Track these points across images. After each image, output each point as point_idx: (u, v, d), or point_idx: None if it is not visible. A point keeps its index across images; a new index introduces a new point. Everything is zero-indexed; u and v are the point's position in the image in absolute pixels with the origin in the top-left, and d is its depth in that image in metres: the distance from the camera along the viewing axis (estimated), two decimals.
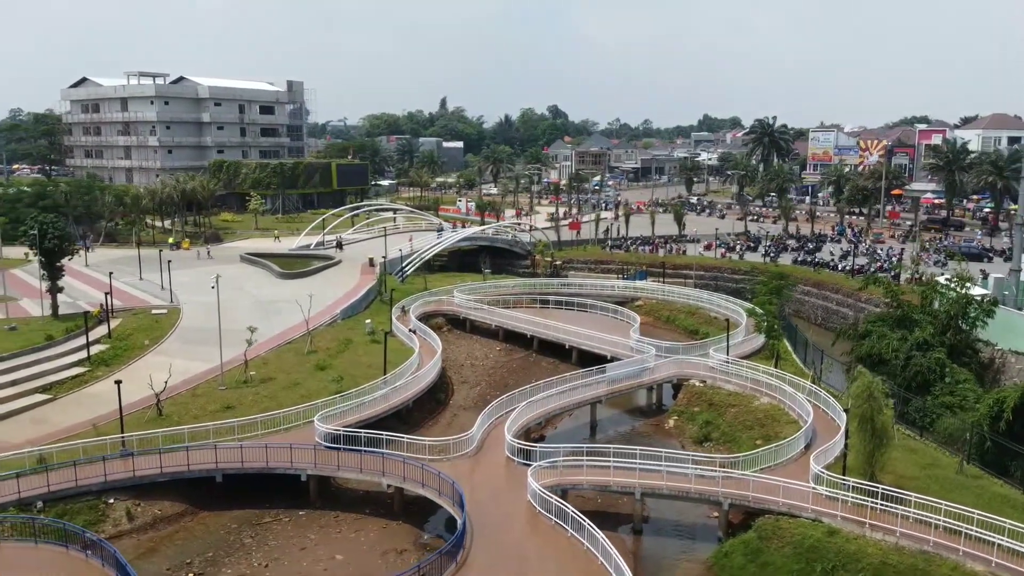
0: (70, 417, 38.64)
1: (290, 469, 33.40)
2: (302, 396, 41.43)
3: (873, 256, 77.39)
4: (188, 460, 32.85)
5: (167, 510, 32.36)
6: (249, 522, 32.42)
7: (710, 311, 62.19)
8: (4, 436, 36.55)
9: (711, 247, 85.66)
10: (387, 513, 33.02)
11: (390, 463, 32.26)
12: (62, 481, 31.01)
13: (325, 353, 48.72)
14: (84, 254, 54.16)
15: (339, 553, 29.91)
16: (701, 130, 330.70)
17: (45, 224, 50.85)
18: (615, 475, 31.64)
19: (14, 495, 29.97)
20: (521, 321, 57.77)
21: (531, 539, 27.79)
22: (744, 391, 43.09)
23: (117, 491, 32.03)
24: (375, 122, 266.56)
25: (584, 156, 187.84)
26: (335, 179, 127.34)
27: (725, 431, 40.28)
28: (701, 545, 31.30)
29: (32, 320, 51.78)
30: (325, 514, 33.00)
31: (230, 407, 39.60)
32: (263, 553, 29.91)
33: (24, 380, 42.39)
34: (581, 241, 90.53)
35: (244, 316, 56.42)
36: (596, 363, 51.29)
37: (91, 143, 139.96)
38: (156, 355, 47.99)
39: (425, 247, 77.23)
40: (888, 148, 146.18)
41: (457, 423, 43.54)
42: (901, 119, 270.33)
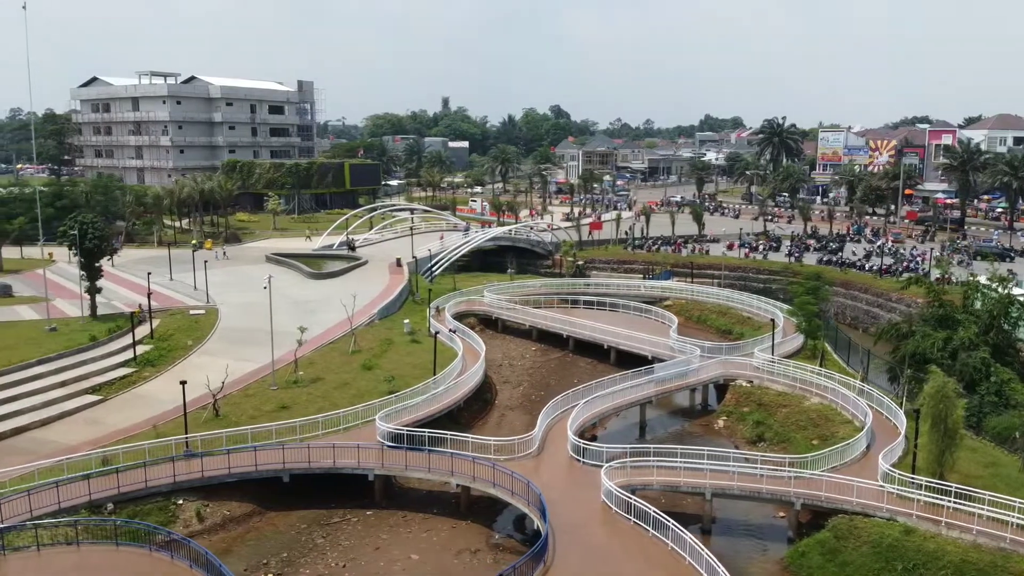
0: (124, 418, 38.55)
1: (357, 469, 33.39)
2: (354, 396, 41.47)
3: (897, 256, 77.60)
4: (256, 460, 32.79)
5: (235, 510, 32.31)
6: (318, 522, 32.39)
7: (742, 311, 62.30)
8: (60, 437, 36.57)
9: (733, 247, 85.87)
10: (454, 513, 33.02)
11: (459, 462, 32.25)
12: (132, 482, 30.96)
13: (369, 353, 48.67)
14: (110, 255, 54.08)
15: (413, 553, 29.89)
16: (703, 130, 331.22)
17: (85, 224, 50.69)
18: (684, 475, 31.66)
19: (84, 497, 29.88)
20: (556, 321, 57.78)
21: (612, 540, 27.78)
22: (793, 391, 43.17)
23: (185, 492, 31.98)
24: (378, 122, 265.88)
25: (591, 156, 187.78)
26: (348, 179, 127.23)
27: (778, 431, 40.35)
28: (771, 545, 31.37)
29: (71, 321, 51.60)
30: (393, 514, 32.99)
31: (285, 407, 39.56)
32: (338, 553, 29.89)
33: (73, 381, 42.30)
34: (602, 241, 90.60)
35: (282, 316, 56.23)
36: (635, 363, 51.43)
37: (102, 143, 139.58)
38: (200, 355, 47.93)
39: (451, 247, 77.19)
40: (898, 148, 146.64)
41: (506, 423, 43.65)
42: (902, 119, 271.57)
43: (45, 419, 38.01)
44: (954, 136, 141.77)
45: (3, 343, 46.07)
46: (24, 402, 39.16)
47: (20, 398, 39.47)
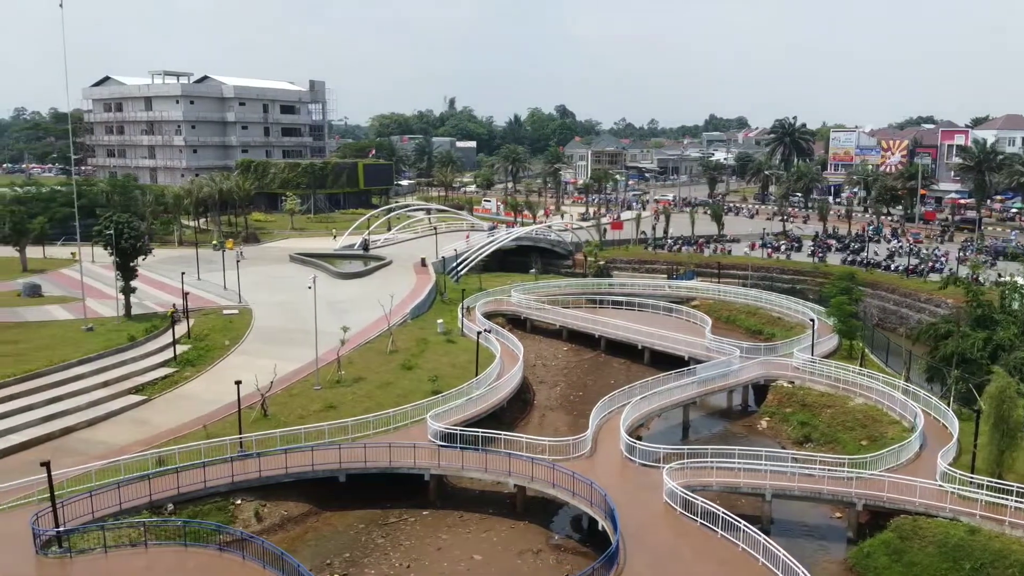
0: (171, 418, 38.41)
1: (413, 469, 33.31)
2: (398, 396, 41.40)
3: (920, 256, 77.53)
4: (312, 460, 32.70)
5: (292, 510, 32.23)
6: (375, 522, 32.31)
7: (771, 311, 62.24)
8: (109, 437, 36.43)
9: (754, 247, 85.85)
10: (510, 513, 32.94)
11: (516, 463, 32.17)
12: (191, 482, 30.83)
13: (406, 353, 48.57)
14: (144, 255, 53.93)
15: (476, 553, 29.80)
16: (708, 130, 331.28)
17: (121, 224, 50.59)
18: (744, 476, 31.60)
19: (145, 497, 29.77)
20: (588, 321, 57.72)
21: (680, 541, 27.66)
22: (836, 392, 43.09)
23: (243, 492, 31.88)
24: (384, 121, 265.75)
25: (600, 156, 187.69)
26: (361, 179, 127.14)
27: (824, 432, 40.29)
28: (831, 545, 31.29)
29: (106, 320, 51.47)
30: (449, 514, 32.91)
31: (332, 406, 39.46)
32: (400, 553, 29.81)
33: (115, 381, 42.18)
34: (622, 241, 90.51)
35: (314, 316, 56.30)
36: (669, 364, 51.40)
37: (114, 142, 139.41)
38: (238, 355, 47.82)
39: (476, 247, 77.13)
40: (910, 148, 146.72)
41: (547, 423, 43.61)
42: (906, 119, 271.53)
43: (91, 419, 37.86)
44: (967, 136, 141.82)
45: (42, 343, 46.02)
46: (69, 402, 39.01)
47: (65, 398, 39.33)
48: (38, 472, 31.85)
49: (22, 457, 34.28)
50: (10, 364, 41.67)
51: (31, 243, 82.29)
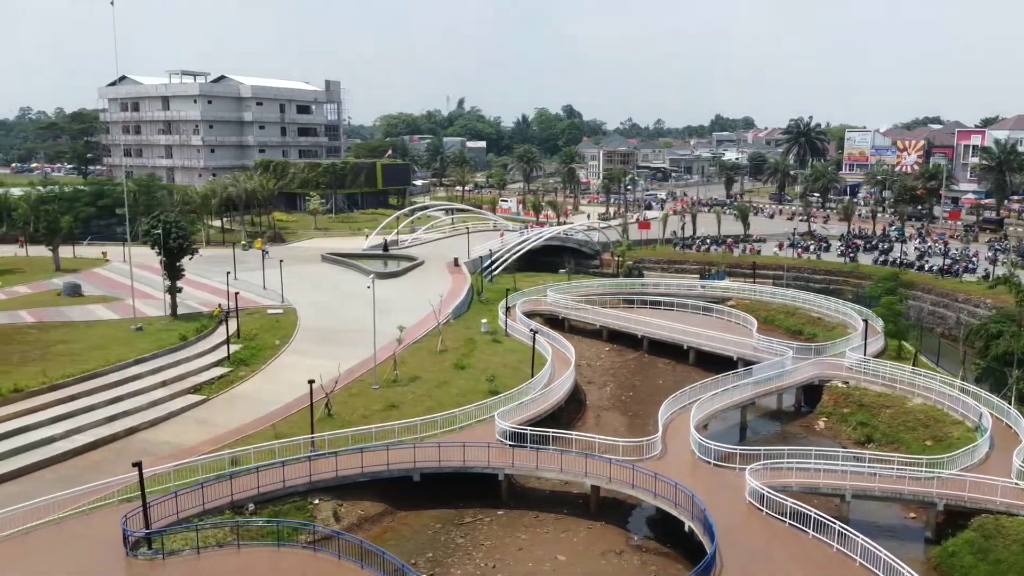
0: (232, 418, 38.33)
1: (487, 468, 33.23)
2: (457, 395, 41.37)
3: (951, 256, 77.50)
4: (388, 459, 32.62)
5: (368, 510, 32.13)
6: (451, 522, 32.23)
7: (810, 311, 62.15)
8: (174, 438, 36.32)
9: (782, 246, 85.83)
10: (584, 513, 32.85)
11: (593, 463, 32.10)
12: (270, 482, 30.75)
13: (455, 352, 48.50)
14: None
15: (558, 554, 29.71)
16: (714, 130, 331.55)
17: (169, 224, 50.49)
18: (824, 476, 31.52)
19: (227, 497, 29.68)
20: (630, 321, 57.63)
21: (773, 543, 27.46)
22: (893, 392, 43.00)
23: (320, 491, 31.79)
24: (392, 121, 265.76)
25: (612, 155, 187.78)
26: (380, 179, 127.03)
27: (885, 432, 40.21)
28: (908, 545, 31.08)
29: (153, 320, 51.37)
30: (524, 514, 32.82)
31: (394, 406, 39.39)
32: (482, 553, 29.72)
33: (173, 381, 42.09)
34: (649, 241, 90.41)
35: (358, 315, 56.22)
36: (715, 364, 51.38)
37: (131, 142, 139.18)
38: (289, 355, 47.74)
39: (509, 246, 77.05)
40: (926, 148, 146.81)
41: (604, 423, 43.50)
42: (913, 119, 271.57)
43: (154, 420, 37.75)
44: (983, 137, 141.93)
45: (93, 342, 45.92)
46: (130, 402, 38.91)
47: (125, 398, 39.23)
48: (108, 473, 32.06)
49: (89, 458, 34.23)
50: (67, 364, 41.57)
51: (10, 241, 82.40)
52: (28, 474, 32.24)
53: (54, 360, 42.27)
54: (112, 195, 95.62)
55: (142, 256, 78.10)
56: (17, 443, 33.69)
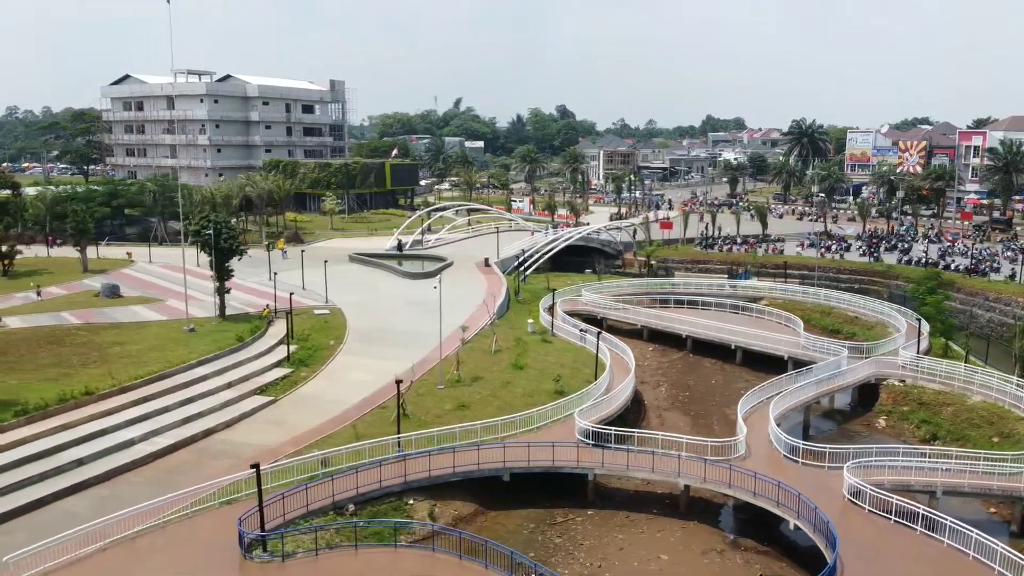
0: (304, 418, 38.12)
1: (576, 468, 33.29)
2: (523, 395, 41.44)
3: (970, 255, 78.47)
4: (478, 459, 32.59)
5: (461, 510, 32.07)
6: (543, 521, 32.26)
7: (846, 310, 62.68)
8: (253, 439, 36.04)
9: (803, 246, 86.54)
10: (674, 512, 32.95)
11: (686, 464, 32.25)
12: (368, 483, 30.64)
13: (509, 352, 48.52)
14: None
15: (660, 553, 29.82)
16: (705, 131, 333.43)
17: (219, 224, 50.10)
18: (916, 474, 31.84)
19: (328, 498, 29.55)
20: (673, 321, 57.87)
21: (883, 541, 27.64)
22: (951, 390, 43.51)
23: (414, 492, 31.71)
24: (387, 121, 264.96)
25: (613, 156, 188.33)
26: (388, 179, 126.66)
27: (950, 429, 40.64)
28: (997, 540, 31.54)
29: (203, 321, 50.93)
30: (615, 514, 32.90)
31: (464, 406, 39.36)
32: (584, 553, 29.75)
33: (238, 382, 41.81)
34: (669, 241, 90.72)
35: (403, 316, 56.27)
36: (763, 364, 51.83)
37: (134, 141, 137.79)
38: (345, 355, 47.52)
39: (539, 246, 77.10)
40: (927, 149, 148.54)
41: (668, 422, 43.64)
42: (902, 120, 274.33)
43: (228, 421, 37.47)
44: (984, 138, 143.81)
45: (149, 344, 45.50)
46: (201, 404, 38.62)
47: (196, 399, 38.94)
48: (192, 475, 31.88)
49: (171, 460, 33.95)
50: (129, 366, 41.19)
51: (56, 244, 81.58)
52: (114, 478, 31.94)
53: (115, 362, 41.85)
54: (126, 195, 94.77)
55: (168, 257, 77.87)
56: (99, 446, 33.35)
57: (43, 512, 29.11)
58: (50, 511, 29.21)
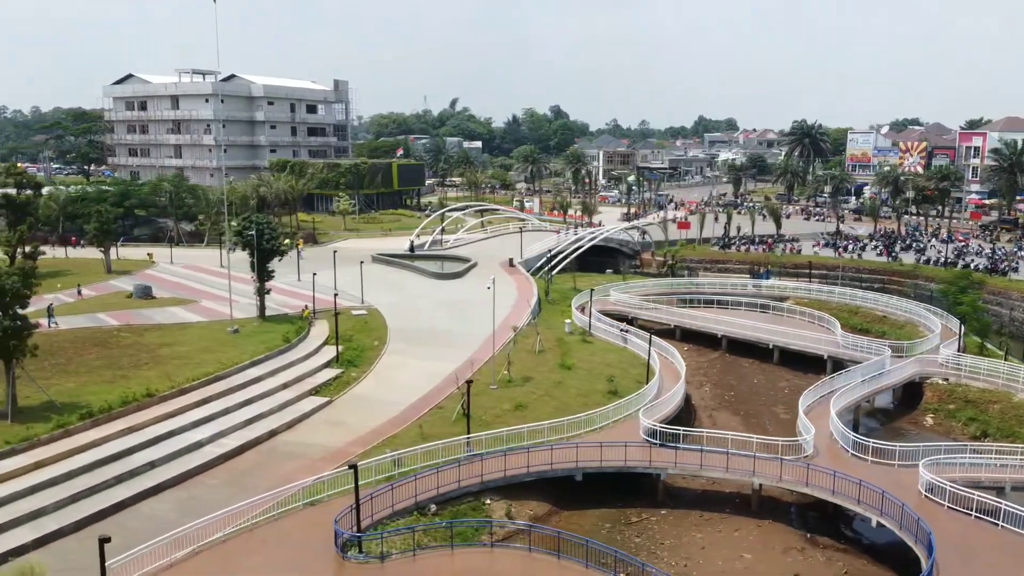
0: (363, 419, 38.04)
1: (649, 468, 33.44)
2: (578, 395, 41.55)
3: (984, 255, 79.39)
4: (552, 459, 32.68)
5: (536, 510, 32.11)
6: (618, 521, 32.38)
7: (873, 310, 63.19)
8: (318, 439, 35.93)
9: (818, 245, 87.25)
10: (746, 511, 33.14)
11: (761, 463, 32.49)
12: (448, 482, 30.66)
13: (553, 353, 48.61)
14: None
15: (743, 552, 30.01)
16: (698, 131, 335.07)
17: (261, 225, 49.89)
18: (985, 471, 32.22)
19: (411, 499, 29.55)
20: (708, 320, 58.15)
21: (968, 536, 27.95)
22: (996, 387, 44.03)
23: (490, 492, 31.75)
24: (383, 121, 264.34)
25: (612, 156, 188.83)
26: (396, 179, 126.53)
27: (999, 427, 41.08)
28: None
29: (245, 322, 50.65)
30: (688, 513, 33.07)
31: (521, 406, 39.38)
32: (667, 552, 29.89)
33: (292, 382, 41.67)
34: (688, 241, 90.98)
35: (440, 316, 56.30)
36: (800, 364, 52.26)
37: (137, 141, 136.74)
38: (390, 355, 47.44)
39: (562, 246, 77.26)
40: (928, 150, 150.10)
41: (720, 422, 43.82)
42: (892, 121, 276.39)
43: (289, 422, 37.33)
44: (984, 138, 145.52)
45: (197, 345, 45.26)
46: (260, 405, 38.48)
47: (254, 401, 38.79)
48: (264, 476, 31.80)
49: (241, 461, 33.81)
50: (183, 367, 40.95)
51: (80, 245, 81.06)
52: (187, 480, 31.78)
53: (167, 363, 41.60)
54: (138, 195, 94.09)
55: (188, 257, 77.56)
56: (168, 448, 33.16)
57: (126, 515, 28.93)
58: (132, 514, 29.04)
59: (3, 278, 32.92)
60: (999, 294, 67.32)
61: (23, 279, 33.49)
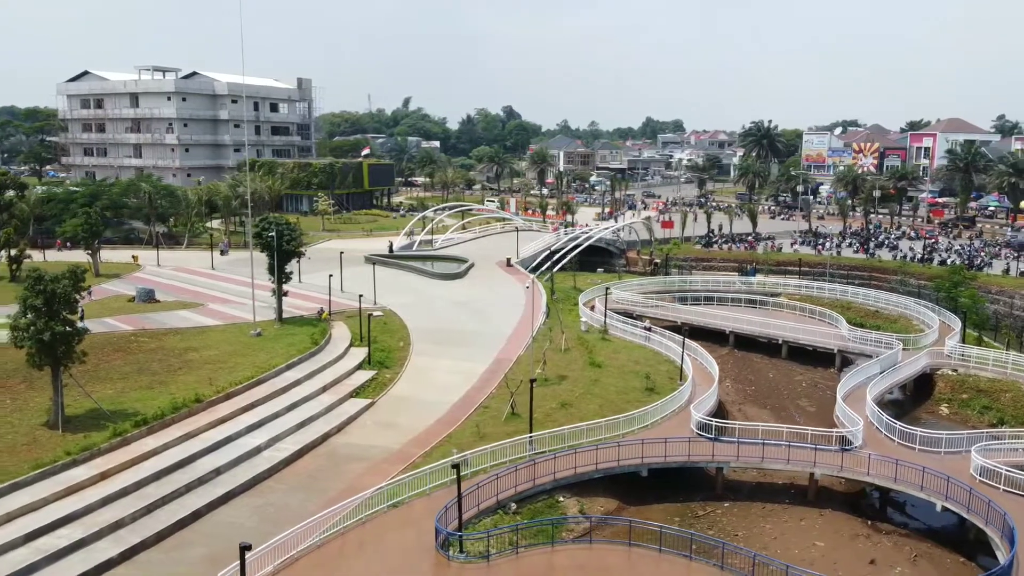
0: (414, 420, 37.83)
1: (712, 462, 34.15)
2: (617, 392, 42.08)
3: (962, 252, 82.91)
4: (618, 456, 33.11)
5: (606, 506, 32.47)
6: (685, 515, 32.93)
7: (864, 305, 65.43)
8: (374, 441, 35.71)
9: (794, 243, 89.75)
10: (803, 501, 34.12)
11: (822, 455, 33.51)
12: (524, 480, 30.82)
13: (580, 351, 49.06)
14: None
15: (815, 541, 30.91)
16: (645, 132, 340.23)
17: (281, 227, 49.04)
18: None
19: (493, 497, 29.63)
20: (716, 317, 59.38)
21: None
22: (1004, 377, 46.18)
23: (562, 489, 32.03)
24: (334, 120, 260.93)
25: (573, 157, 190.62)
26: (366, 179, 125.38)
27: (1014, 414, 43.09)
28: None
29: (265, 325, 49.66)
30: (751, 505, 33.87)
31: (566, 404, 39.69)
32: (743, 544, 30.33)
33: (331, 385, 41.18)
34: (666, 240, 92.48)
35: (454, 316, 56.28)
36: (809, 359, 53.90)
37: (95, 140, 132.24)
38: (418, 356, 47.26)
39: (551, 246, 77.69)
40: (880, 151, 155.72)
41: (751, 415, 44.74)
42: (832, 122, 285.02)
43: (339, 425, 36.94)
44: (935, 139, 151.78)
45: (224, 349, 44.36)
46: (308, 408, 37.97)
47: (299, 404, 38.23)
48: (329, 480, 31.58)
49: (303, 465, 33.39)
50: (219, 371, 40.09)
51: (66, 247, 78.34)
52: (256, 485, 31.25)
53: (201, 368, 40.69)
54: (109, 196, 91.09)
55: (175, 259, 75.65)
56: (230, 454, 32.51)
57: (204, 524, 28.33)
58: (210, 523, 28.45)
59: (54, 282, 31.77)
60: (979, 289, 70.23)
61: (73, 282, 32.35)
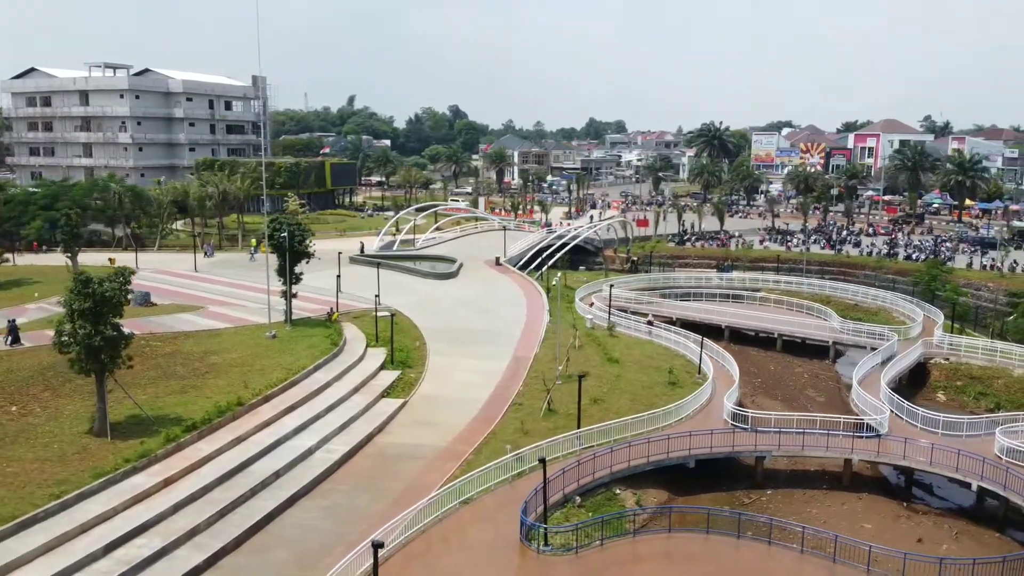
0: (450, 418, 38.02)
1: (754, 452, 35.36)
2: (642, 387, 42.96)
3: (923, 247, 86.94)
4: (668, 448, 33.98)
5: (658, 497, 33.28)
6: (731, 503, 33.82)
7: (843, 299, 68.06)
8: (420, 440, 35.76)
9: (763, 241, 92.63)
10: (838, 485, 35.61)
11: (860, 442, 35.05)
12: (584, 474, 31.42)
13: (593, 348, 49.83)
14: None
15: (862, 523, 32.31)
16: (588, 133, 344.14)
17: (292, 227, 48.40)
18: None
19: (559, 492, 30.15)
20: (712, 312, 61.01)
21: None
22: (994, 364, 48.88)
23: (617, 482, 32.71)
24: (279, 118, 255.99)
25: (527, 156, 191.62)
26: (329, 178, 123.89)
27: (1008, 399, 45.69)
28: None
29: (277, 327, 48.88)
30: (792, 492, 35.15)
31: (597, 399, 40.24)
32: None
33: (361, 385, 40.99)
34: (643, 238, 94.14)
35: (462, 315, 56.49)
36: (802, 351, 55.98)
37: (42, 140, 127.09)
38: (437, 356, 47.27)
39: (535, 245, 78.47)
40: (827, 151, 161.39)
41: (766, 406, 46.01)
42: (768, 123, 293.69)
43: (380, 425, 36.89)
44: (878, 140, 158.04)
45: (245, 351, 43.55)
46: (345, 409, 37.76)
47: (336, 406, 37.98)
48: (386, 480, 31.70)
49: (355, 466, 33.30)
50: (249, 374, 39.49)
51: (26, 250, 75.72)
52: (317, 487, 31.11)
53: (229, 371, 40.00)
54: (71, 197, 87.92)
55: (154, 261, 73.69)
56: (284, 457, 32.20)
57: (277, 527, 28.12)
58: (283, 525, 28.25)
59: (101, 285, 30.96)
60: (949, 282, 73.77)
61: (120, 285, 31.57)
